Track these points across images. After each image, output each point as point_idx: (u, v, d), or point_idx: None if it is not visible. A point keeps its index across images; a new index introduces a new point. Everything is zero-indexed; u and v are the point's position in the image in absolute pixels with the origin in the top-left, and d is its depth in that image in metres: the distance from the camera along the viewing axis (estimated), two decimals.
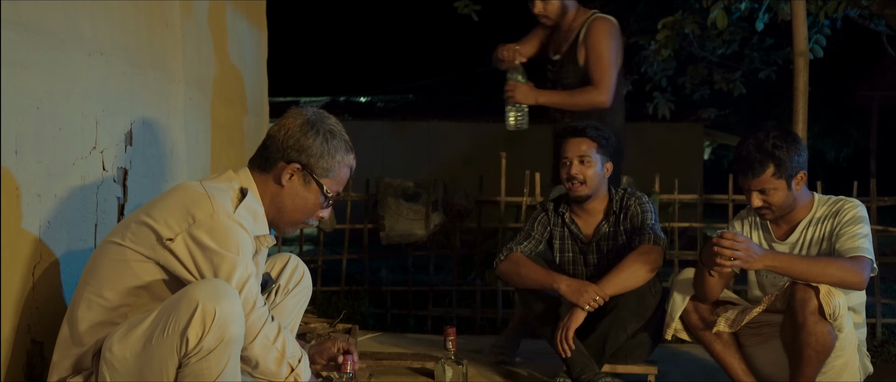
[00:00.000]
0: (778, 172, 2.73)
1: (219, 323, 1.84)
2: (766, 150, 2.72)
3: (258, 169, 2.18)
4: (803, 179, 2.79)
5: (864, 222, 2.74)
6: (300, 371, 2.06)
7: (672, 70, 7.95)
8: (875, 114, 11.96)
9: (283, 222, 2.22)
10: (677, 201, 5.10)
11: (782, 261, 2.62)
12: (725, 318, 2.84)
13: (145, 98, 2.88)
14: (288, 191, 2.16)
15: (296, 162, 2.14)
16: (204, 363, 1.86)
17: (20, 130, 2.15)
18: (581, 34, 3.69)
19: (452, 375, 2.76)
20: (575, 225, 3.35)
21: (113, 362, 1.90)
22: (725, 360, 2.95)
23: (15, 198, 2.15)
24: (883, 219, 5.73)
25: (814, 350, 2.58)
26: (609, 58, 3.62)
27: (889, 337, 4.53)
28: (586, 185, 3.22)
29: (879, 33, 6.91)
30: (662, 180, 5.06)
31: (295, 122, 2.15)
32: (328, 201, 2.21)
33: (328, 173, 2.17)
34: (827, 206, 2.84)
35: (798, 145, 2.78)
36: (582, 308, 3.05)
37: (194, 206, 1.97)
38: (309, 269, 2.55)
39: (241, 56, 4.00)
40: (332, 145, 2.16)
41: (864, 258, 2.65)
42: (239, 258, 1.97)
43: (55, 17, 2.32)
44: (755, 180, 2.75)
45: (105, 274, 2.01)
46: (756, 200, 2.78)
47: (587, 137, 3.22)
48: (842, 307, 2.56)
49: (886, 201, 5.00)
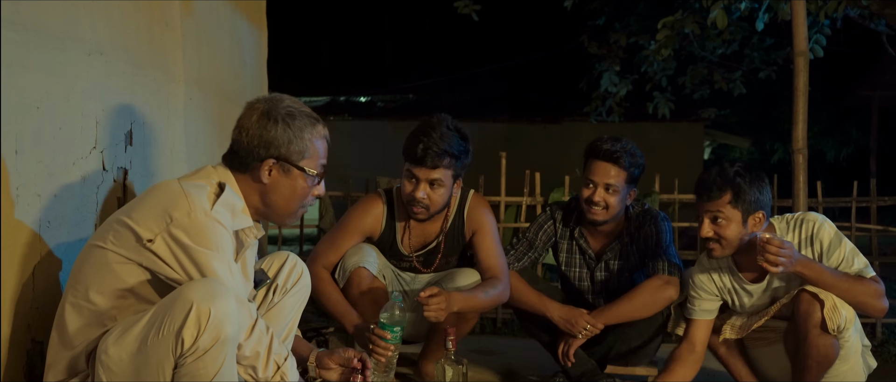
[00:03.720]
0: (735, 201, 2.63)
1: (214, 323, 1.83)
2: (728, 176, 2.65)
3: (236, 169, 2.14)
4: (761, 220, 2.67)
5: (843, 237, 2.67)
6: (286, 369, 2.05)
7: (672, 70, 7.95)
8: (875, 114, 11.96)
9: (281, 215, 2.20)
10: (677, 201, 5.10)
11: (813, 270, 2.57)
12: (730, 325, 2.84)
13: (145, 98, 2.88)
14: (272, 186, 2.13)
15: (269, 158, 2.10)
16: (200, 362, 1.86)
17: (20, 130, 2.15)
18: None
19: (452, 375, 2.75)
20: (584, 240, 3.23)
21: (109, 364, 1.90)
22: (730, 363, 2.95)
23: (15, 198, 2.15)
24: (883, 219, 5.74)
25: (815, 361, 2.58)
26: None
27: (889, 337, 4.53)
28: (607, 212, 3.06)
29: (879, 33, 6.92)
30: (662, 180, 5.06)
31: (250, 119, 2.10)
32: (316, 178, 2.17)
33: (304, 154, 2.13)
34: (793, 232, 2.72)
35: (762, 184, 2.67)
36: (575, 338, 3.04)
37: (171, 205, 1.95)
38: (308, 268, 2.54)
39: (241, 56, 4.00)
40: (295, 126, 2.10)
41: (880, 279, 2.62)
42: (218, 255, 1.96)
43: (55, 17, 2.32)
44: (710, 203, 2.65)
45: (90, 278, 2.00)
46: (707, 228, 2.67)
47: (619, 166, 3.01)
48: (848, 320, 2.53)
49: (886, 201, 5.00)
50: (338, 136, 16.72)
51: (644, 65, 7.90)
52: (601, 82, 8.21)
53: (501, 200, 5.03)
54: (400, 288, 3.08)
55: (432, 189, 2.84)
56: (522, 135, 12.32)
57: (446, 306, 2.68)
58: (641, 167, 3.08)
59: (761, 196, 2.66)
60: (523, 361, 3.72)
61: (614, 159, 3.01)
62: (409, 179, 2.86)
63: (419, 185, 2.83)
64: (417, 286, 3.09)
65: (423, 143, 2.77)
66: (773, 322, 2.77)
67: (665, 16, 6.24)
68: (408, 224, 3.02)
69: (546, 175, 5.07)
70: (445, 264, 3.09)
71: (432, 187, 2.84)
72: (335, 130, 12.67)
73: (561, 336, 3.08)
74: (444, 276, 3.04)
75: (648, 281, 3.02)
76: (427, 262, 3.09)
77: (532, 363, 3.65)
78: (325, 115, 14.12)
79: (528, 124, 12.81)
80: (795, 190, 4.10)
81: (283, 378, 2.04)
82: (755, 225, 2.67)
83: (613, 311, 3.02)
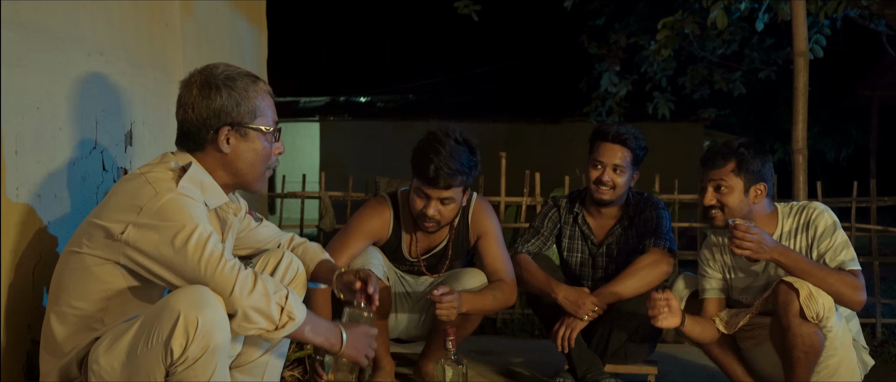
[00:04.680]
0: (737, 169, 2.72)
1: (202, 332, 1.82)
2: (733, 147, 2.76)
3: (193, 150, 2.09)
4: (762, 193, 2.76)
5: (838, 228, 2.72)
6: (292, 308, 1.97)
7: (672, 70, 7.95)
8: (875, 114, 11.97)
9: (249, 181, 2.15)
10: (677, 201, 5.10)
11: (789, 258, 2.61)
12: (720, 318, 2.86)
13: (145, 98, 2.88)
14: (234, 154, 2.08)
15: (223, 126, 2.04)
16: (191, 371, 1.85)
17: (20, 130, 2.15)
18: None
19: (452, 375, 2.75)
20: (587, 226, 3.30)
21: (100, 373, 1.90)
22: (724, 362, 2.96)
23: (15, 198, 2.15)
24: (883, 219, 5.73)
25: (802, 352, 2.58)
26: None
27: (889, 337, 4.53)
28: (614, 191, 3.15)
29: (879, 33, 6.92)
30: (662, 180, 5.06)
31: (191, 94, 2.05)
32: (274, 135, 2.13)
33: (255, 114, 2.08)
34: (793, 217, 2.79)
35: (765, 157, 2.77)
36: (580, 319, 3.05)
37: (136, 196, 1.93)
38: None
39: (241, 56, 4.01)
40: (238, 88, 2.05)
41: (859, 272, 2.65)
42: (192, 222, 1.91)
43: (55, 17, 2.32)
44: (714, 171, 2.75)
45: (71, 285, 1.99)
46: (710, 195, 2.76)
47: (627, 147, 3.13)
48: (827, 308, 2.55)
49: (886, 201, 4.99)
50: (338, 136, 16.69)
51: (644, 65, 7.90)
52: (601, 82, 8.21)
53: (501, 200, 5.03)
54: (403, 290, 3.09)
55: (443, 205, 2.85)
56: (522, 135, 12.32)
57: (458, 305, 2.72)
58: (645, 150, 3.20)
59: (763, 169, 2.75)
60: (523, 361, 3.73)
61: (622, 141, 3.12)
62: (419, 196, 2.85)
63: (430, 202, 2.84)
64: (420, 287, 3.10)
65: (435, 163, 2.76)
66: (760, 319, 2.78)
67: (665, 16, 6.24)
68: (415, 233, 3.03)
69: (546, 175, 5.07)
70: (451, 268, 3.12)
71: (443, 204, 2.85)
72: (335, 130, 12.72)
73: (562, 320, 3.09)
74: (448, 275, 3.06)
75: (643, 256, 3.10)
76: (433, 267, 3.11)
77: (532, 363, 3.65)
78: (325, 115, 14.16)
79: (528, 124, 12.81)
80: (795, 190, 4.10)
81: (290, 317, 1.97)
82: (757, 197, 2.75)
83: (614, 289, 3.06)
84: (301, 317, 2.00)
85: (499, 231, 3.08)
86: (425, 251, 3.08)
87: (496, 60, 14.60)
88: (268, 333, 1.96)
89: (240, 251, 2.39)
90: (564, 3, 7.23)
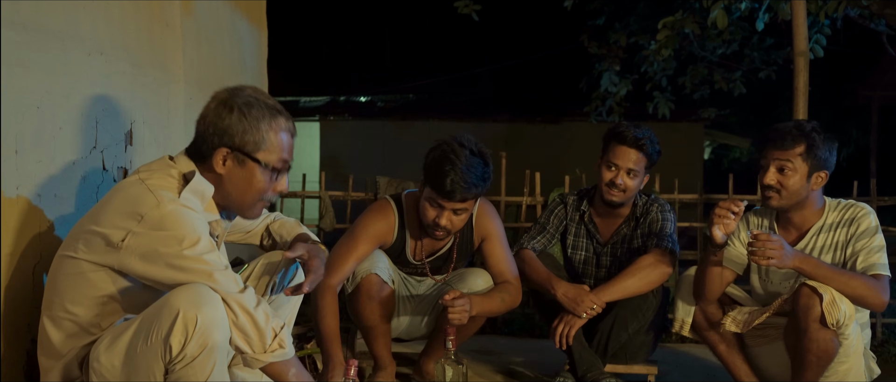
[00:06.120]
0: (806, 153, 2.68)
1: (201, 330, 1.83)
2: (805, 130, 2.70)
3: (197, 159, 2.07)
4: (823, 180, 2.74)
5: (879, 232, 2.71)
6: (284, 338, 2.01)
7: (672, 70, 7.95)
8: (875, 114, 11.95)
9: (238, 207, 2.13)
10: (677, 201, 5.09)
11: (810, 264, 2.58)
12: (732, 317, 2.84)
13: (145, 98, 2.88)
14: (227, 177, 2.05)
15: (222, 146, 2.02)
16: (189, 369, 1.86)
17: (20, 130, 2.15)
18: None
19: (452, 375, 2.75)
20: (593, 224, 3.32)
21: (101, 371, 1.91)
22: (729, 361, 2.95)
23: (15, 198, 2.15)
24: (883, 219, 5.72)
25: (815, 356, 2.57)
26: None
27: (889, 337, 4.53)
28: (626, 194, 3.17)
29: (879, 33, 6.91)
30: (662, 180, 5.06)
31: (211, 106, 2.04)
32: (275, 172, 2.09)
33: (259, 145, 2.03)
34: (839, 212, 2.78)
35: (833, 145, 2.74)
36: (578, 317, 3.05)
37: (138, 203, 1.92)
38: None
39: (242, 56, 4.01)
40: (251, 116, 2.02)
41: (885, 278, 2.63)
42: (194, 234, 1.92)
43: (55, 17, 2.32)
44: (781, 151, 2.69)
45: (65, 290, 1.98)
46: (772, 175, 2.71)
47: (643, 152, 3.13)
48: (848, 316, 2.53)
49: (886, 201, 4.99)
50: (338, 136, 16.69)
51: (644, 65, 7.89)
52: (601, 82, 8.20)
53: (501, 200, 5.02)
54: (407, 293, 3.09)
55: (456, 216, 2.85)
56: (522, 135, 12.32)
57: (469, 309, 2.74)
58: (659, 153, 3.21)
59: (830, 157, 2.72)
60: (524, 361, 3.73)
61: (639, 146, 3.13)
62: (433, 206, 2.83)
63: (444, 213, 2.83)
64: (422, 289, 3.11)
65: (451, 177, 2.73)
66: (774, 319, 2.77)
67: (665, 16, 6.23)
68: (420, 238, 3.03)
69: (546, 175, 5.06)
70: (455, 271, 3.12)
71: (456, 214, 2.84)
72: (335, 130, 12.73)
73: (560, 317, 3.09)
74: (452, 276, 3.06)
75: (645, 257, 3.12)
76: (438, 269, 3.11)
77: (532, 362, 3.65)
78: (325, 115, 14.16)
79: (528, 124, 12.80)
80: None
81: (281, 345, 2.00)
82: (817, 184, 2.72)
83: (613, 287, 3.07)
84: (291, 352, 2.03)
85: (502, 233, 3.09)
86: (430, 253, 3.08)
87: (496, 60, 14.58)
88: (255, 354, 1.98)
89: (230, 238, 2.41)
90: (564, 2, 7.22)
